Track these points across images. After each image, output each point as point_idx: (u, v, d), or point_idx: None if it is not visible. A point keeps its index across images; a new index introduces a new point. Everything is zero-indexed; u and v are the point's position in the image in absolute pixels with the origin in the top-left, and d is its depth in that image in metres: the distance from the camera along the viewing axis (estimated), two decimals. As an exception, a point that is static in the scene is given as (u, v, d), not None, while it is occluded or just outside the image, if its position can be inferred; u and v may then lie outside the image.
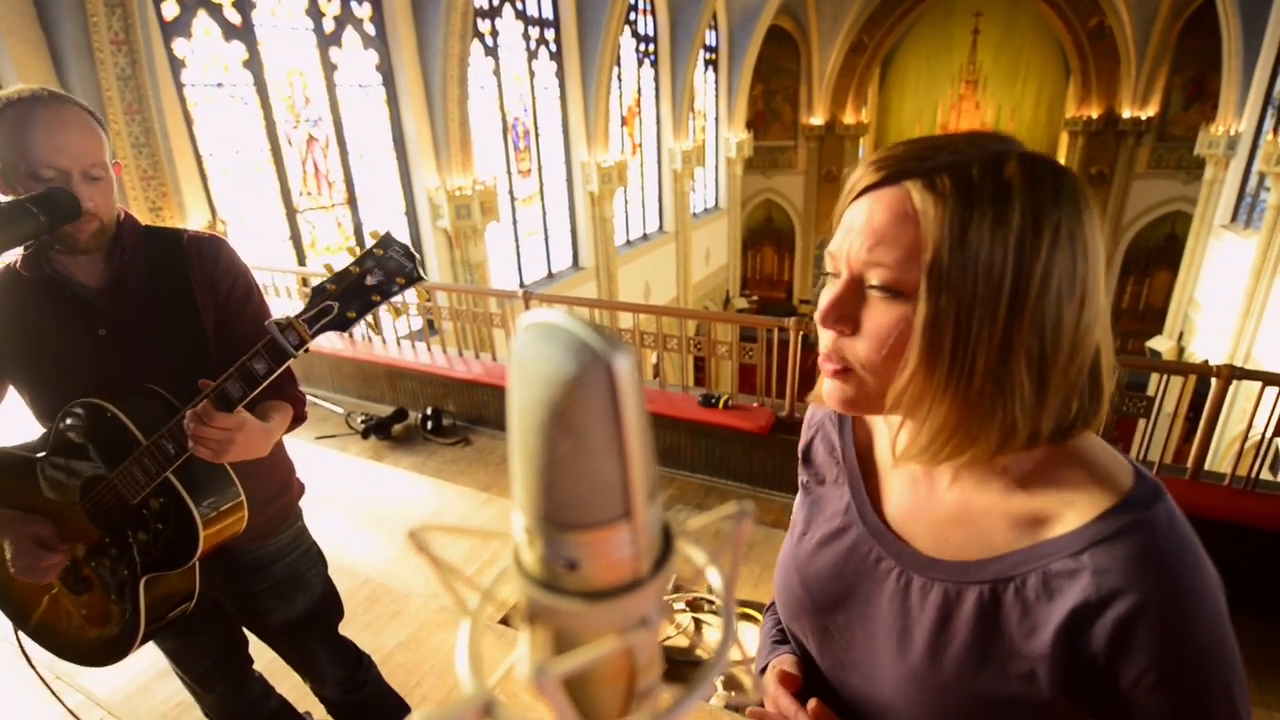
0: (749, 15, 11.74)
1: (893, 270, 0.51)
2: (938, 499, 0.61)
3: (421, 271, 1.11)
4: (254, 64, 5.37)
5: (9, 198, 1.04)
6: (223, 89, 5.21)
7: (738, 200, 14.26)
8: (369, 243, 1.09)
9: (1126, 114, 12.16)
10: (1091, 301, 0.51)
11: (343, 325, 1.07)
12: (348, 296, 1.07)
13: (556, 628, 0.22)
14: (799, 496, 0.78)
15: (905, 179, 0.51)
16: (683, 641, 2.60)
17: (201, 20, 4.97)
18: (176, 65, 4.82)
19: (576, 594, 0.21)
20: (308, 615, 1.46)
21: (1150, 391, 3.13)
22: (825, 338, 0.57)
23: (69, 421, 1.16)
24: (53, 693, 1.43)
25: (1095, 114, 12.45)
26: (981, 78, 14.15)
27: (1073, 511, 0.53)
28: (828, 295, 0.56)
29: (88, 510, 1.18)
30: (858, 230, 0.53)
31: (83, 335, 1.16)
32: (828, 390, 0.59)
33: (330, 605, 1.53)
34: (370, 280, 1.07)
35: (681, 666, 2.23)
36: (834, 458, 0.73)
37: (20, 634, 1.31)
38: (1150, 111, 12.10)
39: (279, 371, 1.07)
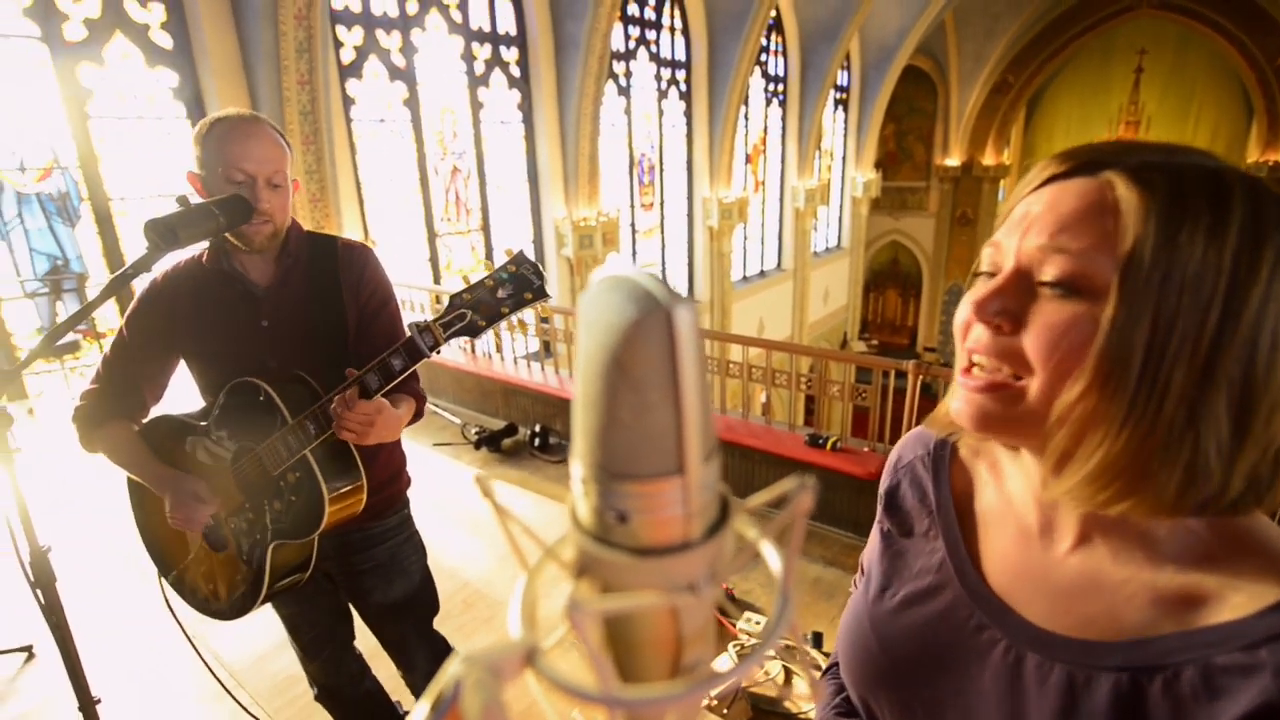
0: (885, 55, 11.51)
1: (1077, 260, 0.44)
2: (1057, 562, 0.53)
3: (548, 288, 1.19)
4: (412, 102, 5.93)
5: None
6: (384, 124, 5.78)
7: (862, 241, 13.84)
8: (503, 259, 1.18)
9: (1326, 160, 10.73)
10: None
11: (474, 332, 1.17)
12: (480, 306, 1.17)
13: (604, 582, 0.22)
14: (875, 546, 0.70)
15: (1105, 170, 0.45)
16: (771, 691, 2.48)
17: (372, 64, 5.55)
18: (348, 102, 5.41)
19: (624, 548, 0.21)
20: (404, 601, 1.55)
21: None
22: (978, 336, 0.49)
23: (229, 396, 1.31)
24: (191, 644, 1.60)
25: (1285, 159, 11.09)
26: (1144, 119, 12.99)
27: (1240, 596, 0.45)
28: (986, 285, 0.48)
29: (236, 477, 1.33)
30: (1036, 216, 0.46)
31: (249, 324, 1.33)
32: (960, 406, 0.51)
33: (426, 596, 1.62)
34: (501, 293, 1.17)
35: (770, 717, 2.13)
36: (925, 506, 0.65)
37: (164, 582, 1.48)
38: (1357, 157, 10.61)
39: (413, 368, 1.18)
